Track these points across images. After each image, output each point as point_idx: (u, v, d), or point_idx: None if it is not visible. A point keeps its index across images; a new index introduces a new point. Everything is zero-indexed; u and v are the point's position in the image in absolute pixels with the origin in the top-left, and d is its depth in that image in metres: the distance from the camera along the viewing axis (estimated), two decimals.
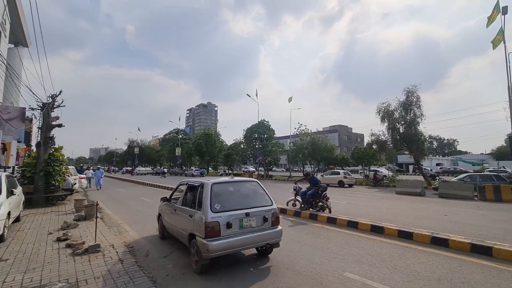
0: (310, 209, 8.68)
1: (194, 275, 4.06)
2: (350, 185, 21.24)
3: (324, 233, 6.55)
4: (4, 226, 5.34)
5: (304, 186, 9.50)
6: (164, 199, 5.78)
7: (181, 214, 4.84)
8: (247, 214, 4.21)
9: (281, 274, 4.07)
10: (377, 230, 6.44)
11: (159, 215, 6.15)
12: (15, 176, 9.72)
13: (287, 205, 9.63)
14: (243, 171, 45.60)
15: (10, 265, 4.24)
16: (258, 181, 5.05)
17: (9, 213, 5.67)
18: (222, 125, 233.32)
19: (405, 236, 5.90)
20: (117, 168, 73.24)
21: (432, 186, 18.08)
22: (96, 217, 5.79)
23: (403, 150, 24.06)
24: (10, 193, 6.06)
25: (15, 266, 4.20)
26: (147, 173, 51.18)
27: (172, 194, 5.98)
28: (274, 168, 47.90)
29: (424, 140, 21.38)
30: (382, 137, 22.68)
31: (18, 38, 40.40)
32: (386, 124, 21.95)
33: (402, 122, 21.42)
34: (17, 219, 7.14)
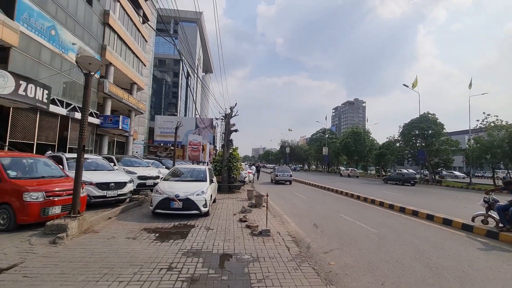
0: None
1: (357, 276, 3.95)
2: None
3: None
4: (209, 205, 7.42)
5: (504, 199, 6.98)
6: None
7: None
8: None
9: None
10: None
11: None
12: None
13: (473, 221, 7.41)
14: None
15: (215, 233, 5.83)
16: None
17: (211, 196, 7.82)
18: (372, 122, 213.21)
19: None
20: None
21: None
22: (267, 207, 6.87)
23: None
24: (211, 181, 8.35)
25: (218, 235, 5.72)
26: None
27: None
28: (443, 172, 38.01)
29: None
30: None
31: (207, 67, 53.82)
32: None
33: None
34: (214, 201, 9.71)
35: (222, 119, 19.71)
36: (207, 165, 9.77)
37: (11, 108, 12.66)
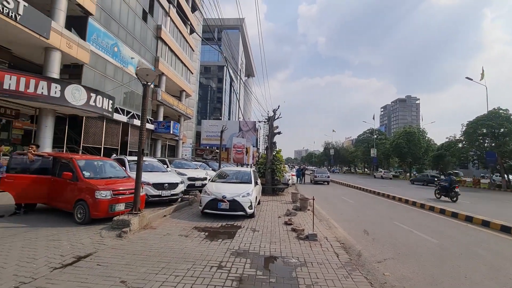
0: None
1: None
2: None
3: None
4: (254, 207, 7.54)
5: None
6: None
7: None
8: None
9: None
10: None
11: None
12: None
13: None
14: None
15: (260, 235, 5.89)
16: None
17: (256, 198, 7.94)
18: (427, 121, 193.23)
19: None
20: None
21: None
22: (313, 211, 6.72)
23: None
24: (255, 183, 8.48)
25: (263, 237, 5.77)
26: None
27: None
28: None
29: None
30: None
31: (249, 72, 54.86)
32: None
33: None
34: (259, 203, 9.83)
35: (265, 121, 19.82)
36: (251, 167, 10.01)
37: (84, 117, 14.62)
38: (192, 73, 31.56)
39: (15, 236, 4.90)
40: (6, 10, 10.05)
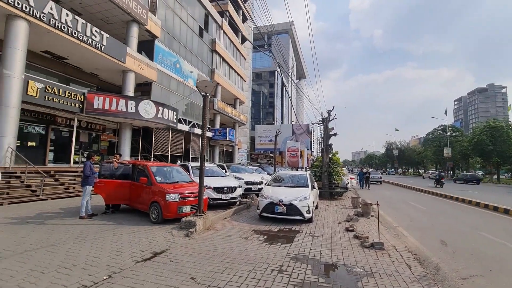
0: None
1: None
2: None
3: None
4: (312, 211, 7.36)
5: None
6: None
7: None
8: None
9: None
10: None
11: None
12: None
13: None
14: None
15: (320, 241, 5.71)
16: None
17: (313, 202, 7.75)
18: None
19: None
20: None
21: None
22: (378, 217, 6.23)
23: None
24: (312, 187, 8.29)
25: (324, 243, 5.58)
26: None
27: None
28: None
29: None
30: None
31: (300, 74, 54.39)
32: None
33: None
34: (316, 207, 9.56)
35: (318, 123, 19.33)
36: (307, 171, 9.83)
37: (154, 128, 16.49)
38: (245, 81, 32.76)
39: (106, 232, 5.79)
40: (94, 42, 12.07)
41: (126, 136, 14.73)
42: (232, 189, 8.98)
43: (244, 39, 32.04)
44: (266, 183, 10.14)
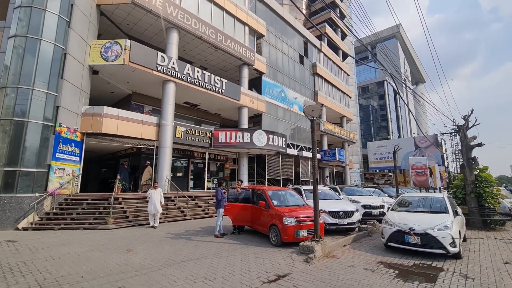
0: None
1: None
2: None
3: None
4: (459, 244, 5.85)
5: None
6: None
7: None
8: None
9: None
10: None
11: None
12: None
13: None
14: None
15: (479, 286, 4.41)
16: None
17: (459, 232, 6.16)
18: None
19: None
20: None
21: None
22: None
23: None
24: (455, 213, 6.66)
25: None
26: None
27: None
28: None
29: None
30: None
31: (416, 78, 47.24)
32: None
33: None
34: (464, 239, 7.53)
35: (451, 133, 15.86)
36: (443, 192, 7.95)
37: (266, 155, 17.92)
38: (350, 97, 31.24)
39: (235, 251, 6.54)
40: (216, 88, 14.73)
41: (244, 164, 16.67)
42: (349, 214, 8.39)
43: (345, 56, 31.11)
44: (389, 207, 8.93)
